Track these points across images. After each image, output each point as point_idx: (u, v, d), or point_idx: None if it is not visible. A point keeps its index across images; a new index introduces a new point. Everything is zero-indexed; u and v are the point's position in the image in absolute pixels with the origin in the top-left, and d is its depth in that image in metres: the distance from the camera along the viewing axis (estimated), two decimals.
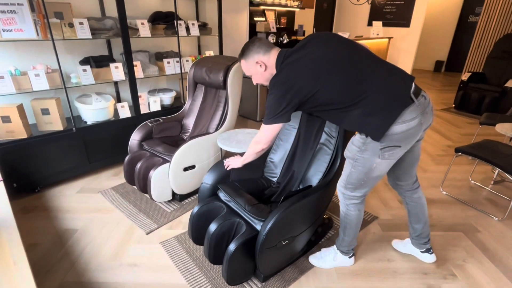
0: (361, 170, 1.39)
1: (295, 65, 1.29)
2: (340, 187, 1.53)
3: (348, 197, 1.50)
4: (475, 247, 1.87)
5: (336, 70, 1.25)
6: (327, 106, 1.32)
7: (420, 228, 1.67)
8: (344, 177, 1.48)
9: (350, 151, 1.42)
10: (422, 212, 1.64)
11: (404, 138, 1.27)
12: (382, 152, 1.31)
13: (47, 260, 1.73)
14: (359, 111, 1.27)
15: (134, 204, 2.23)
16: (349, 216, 1.55)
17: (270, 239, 1.37)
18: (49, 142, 2.28)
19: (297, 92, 1.27)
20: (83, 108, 2.48)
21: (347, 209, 1.54)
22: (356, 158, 1.38)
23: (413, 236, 1.72)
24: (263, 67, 1.41)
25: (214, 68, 2.37)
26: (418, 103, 1.25)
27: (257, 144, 1.47)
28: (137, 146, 2.37)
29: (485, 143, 2.34)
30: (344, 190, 1.50)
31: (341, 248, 1.67)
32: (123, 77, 2.57)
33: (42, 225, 2.02)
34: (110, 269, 1.68)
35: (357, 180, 1.43)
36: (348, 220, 1.56)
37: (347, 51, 1.29)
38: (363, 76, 1.25)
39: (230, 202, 1.63)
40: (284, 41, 4.08)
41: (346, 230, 1.59)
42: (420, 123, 1.26)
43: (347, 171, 1.46)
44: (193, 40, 3.46)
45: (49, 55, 2.47)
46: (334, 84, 1.26)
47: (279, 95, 1.29)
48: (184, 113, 2.63)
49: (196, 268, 1.68)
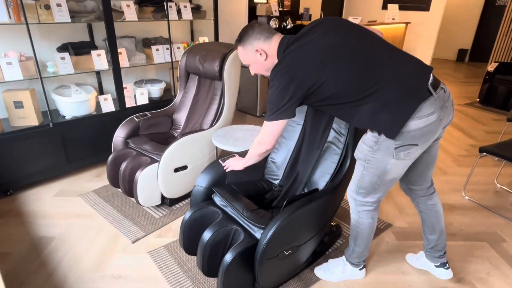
0: (374, 172, 1.39)
1: (299, 53, 1.28)
2: (351, 192, 1.53)
3: (360, 203, 1.51)
4: (500, 258, 1.89)
5: (344, 59, 1.25)
6: (335, 100, 1.32)
7: (435, 240, 1.66)
8: (355, 181, 1.48)
9: (361, 151, 1.42)
10: (438, 221, 1.64)
11: (421, 136, 1.28)
12: (397, 151, 1.31)
13: (21, 271, 1.74)
14: (370, 106, 1.27)
15: (118, 209, 2.24)
16: (361, 224, 1.55)
17: (271, 248, 1.38)
18: (22, 139, 2.28)
19: (301, 83, 1.27)
20: (61, 100, 2.48)
21: (359, 216, 1.54)
22: (368, 159, 1.39)
23: (427, 248, 1.72)
24: (263, 56, 1.41)
25: (208, 56, 2.38)
26: (436, 97, 1.25)
27: (260, 145, 1.45)
28: (122, 144, 2.37)
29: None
30: (355, 196, 1.51)
31: (350, 260, 1.68)
32: (106, 66, 2.58)
33: (15, 232, 2.02)
34: (91, 282, 1.69)
35: (370, 184, 1.43)
36: (359, 229, 1.56)
37: (357, 38, 1.29)
38: (375, 66, 1.25)
39: (227, 207, 1.64)
40: (287, 26, 4.07)
41: (357, 240, 1.60)
42: (439, 119, 1.27)
43: (358, 174, 1.46)
44: (185, 24, 3.46)
45: (23, 41, 2.46)
46: (343, 74, 1.26)
47: (281, 87, 1.29)
48: (175, 107, 2.64)
49: (188, 281, 1.69)
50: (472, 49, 7.74)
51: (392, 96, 1.25)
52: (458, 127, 3.85)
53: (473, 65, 7.49)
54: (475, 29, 7.54)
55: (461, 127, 3.85)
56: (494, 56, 5.49)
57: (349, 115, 1.35)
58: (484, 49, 7.49)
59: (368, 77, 1.25)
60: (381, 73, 1.25)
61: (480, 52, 7.63)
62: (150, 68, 3.31)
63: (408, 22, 5.64)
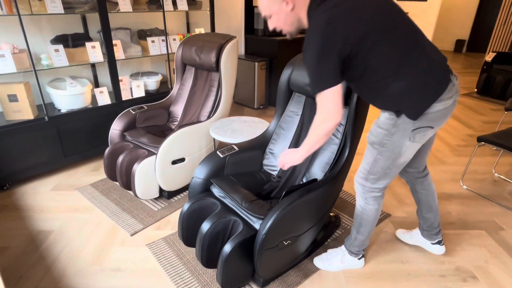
0: (388, 156, 1.38)
1: (341, 11, 1.15)
2: (359, 179, 1.52)
3: (369, 189, 1.51)
4: (498, 246, 1.90)
5: (387, 29, 1.18)
6: (369, 75, 1.24)
7: (432, 217, 1.73)
8: (366, 167, 1.47)
9: (375, 135, 1.40)
10: (433, 199, 1.70)
11: (438, 118, 1.30)
12: (414, 133, 1.31)
13: (19, 265, 1.73)
14: (401, 84, 1.24)
15: (116, 203, 2.23)
16: (367, 211, 1.55)
17: (270, 239, 1.38)
18: (18, 133, 2.26)
19: (343, 44, 1.15)
20: (56, 94, 2.45)
21: (366, 203, 1.54)
22: (383, 142, 1.37)
23: (424, 227, 1.78)
24: (289, 5, 1.24)
25: (205, 47, 2.35)
26: (453, 82, 1.28)
27: (324, 122, 1.24)
28: (118, 137, 2.35)
29: (511, 132, 2.35)
30: (364, 182, 1.50)
31: (351, 248, 1.69)
32: (101, 58, 2.54)
33: (13, 226, 2.01)
34: (90, 275, 1.68)
35: (382, 169, 1.43)
36: (365, 215, 1.57)
37: (397, 12, 1.23)
38: (411, 44, 1.22)
39: (225, 199, 1.63)
40: None
41: (361, 228, 1.60)
42: (454, 103, 1.30)
43: (369, 159, 1.44)
44: (181, 15, 3.41)
45: (16, 32, 2.42)
46: (384, 45, 1.18)
47: (323, 46, 1.14)
48: (172, 99, 2.61)
49: (187, 273, 1.68)
50: (470, 39, 7.72)
51: (424, 77, 1.24)
52: (456, 117, 3.85)
53: (471, 56, 7.47)
54: (472, 20, 7.51)
55: (459, 117, 3.85)
56: (492, 46, 5.47)
57: (375, 93, 1.31)
58: (482, 39, 7.46)
59: (404, 54, 1.21)
60: (415, 53, 1.22)
61: (478, 42, 7.61)
62: (146, 60, 3.27)
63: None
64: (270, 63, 3.92)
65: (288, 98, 1.92)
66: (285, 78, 1.86)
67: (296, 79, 1.78)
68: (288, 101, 1.92)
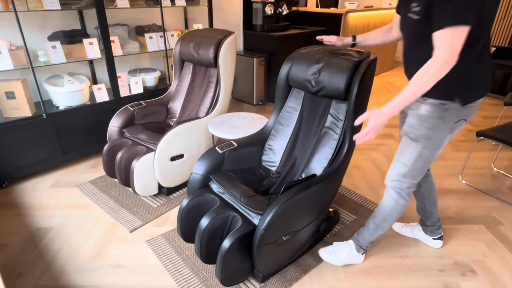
0: (433, 148, 1.36)
1: None
2: (396, 176, 1.47)
3: (407, 185, 1.47)
4: (497, 241, 1.90)
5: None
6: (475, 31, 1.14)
7: (436, 212, 1.75)
8: (407, 163, 1.42)
9: (419, 129, 1.35)
10: (435, 192, 1.73)
11: (472, 112, 1.30)
12: (455, 125, 1.31)
13: (19, 262, 1.74)
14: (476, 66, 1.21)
15: (115, 199, 2.23)
16: (399, 205, 1.51)
17: (269, 234, 1.38)
18: (16, 130, 2.25)
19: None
20: (53, 91, 2.44)
21: (400, 197, 1.50)
22: (429, 135, 1.34)
23: (429, 223, 1.79)
24: None
25: (203, 43, 2.34)
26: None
27: (444, 67, 1.10)
28: (117, 133, 2.35)
29: (510, 126, 2.34)
30: (402, 178, 1.46)
31: (362, 243, 1.67)
32: (99, 55, 2.53)
33: (12, 223, 2.01)
34: (90, 271, 1.68)
35: (425, 163, 1.40)
36: (394, 210, 1.52)
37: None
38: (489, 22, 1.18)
39: (224, 194, 1.63)
40: (283, 12, 4.02)
41: (385, 223, 1.57)
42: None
43: (412, 155, 1.39)
44: (178, 11, 3.39)
45: (12, 29, 2.41)
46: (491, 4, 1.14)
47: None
48: (170, 95, 2.60)
49: (186, 269, 1.69)
50: None
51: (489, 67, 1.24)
52: None
53: None
54: None
55: None
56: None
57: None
58: None
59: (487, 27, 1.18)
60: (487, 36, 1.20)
61: None
62: (144, 57, 3.26)
63: None
64: (269, 59, 3.91)
65: (287, 94, 1.91)
66: (284, 73, 1.85)
67: (295, 75, 1.77)
68: (287, 96, 1.92)
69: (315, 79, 1.68)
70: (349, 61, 1.59)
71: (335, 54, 1.67)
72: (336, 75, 1.60)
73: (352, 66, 1.57)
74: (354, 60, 1.59)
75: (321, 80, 1.66)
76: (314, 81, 1.68)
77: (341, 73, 1.59)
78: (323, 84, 1.66)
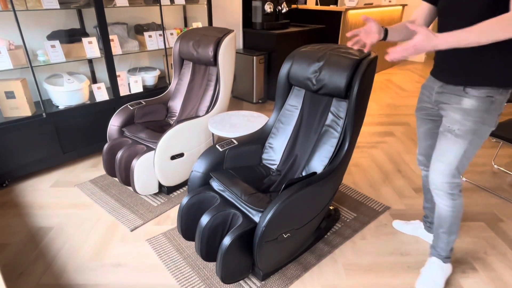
0: (478, 143, 1.31)
1: None
2: (445, 178, 1.39)
3: (457, 184, 1.40)
4: (497, 238, 1.90)
5: None
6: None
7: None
8: (454, 162, 1.35)
9: (465, 124, 1.28)
10: None
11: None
12: (497, 119, 1.27)
13: (20, 261, 1.74)
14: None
15: (116, 198, 2.24)
16: (457, 206, 1.44)
17: (270, 231, 1.38)
18: (16, 130, 2.25)
19: None
20: (53, 90, 2.44)
21: (454, 199, 1.42)
22: (475, 130, 1.28)
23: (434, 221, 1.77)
24: None
25: (202, 42, 2.33)
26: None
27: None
28: (117, 132, 2.35)
29: (510, 123, 2.34)
30: (452, 179, 1.38)
31: (444, 254, 1.58)
32: (98, 54, 2.53)
33: (13, 223, 2.02)
34: (91, 270, 1.69)
35: (468, 160, 1.35)
36: (455, 212, 1.45)
37: None
38: None
39: (225, 192, 1.64)
40: (283, 10, 4.01)
41: (454, 227, 1.49)
42: None
43: (459, 152, 1.33)
44: (178, 9, 3.39)
45: (11, 28, 2.41)
46: None
47: None
48: (170, 94, 2.60)
49: (187, 267, 1.69)
50: None
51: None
52: None
53: None
54: None
55: None
56: None
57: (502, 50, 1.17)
58: None
59: None
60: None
61: None
62: (144, 56, 3.26)
63: (405, 4, 5.56)
64: (269, 57, 3.91)
65: (287, 92, 1.91)
66: (285, 71, 1.85)
67: (295, 73, 1.77)
68: (287, 95, 1.92)
69: (316, 77, 1.68)
70: (350, 59, 1.59)
71: (336, 52, 1.67)
72: (337, 73, 1.60)
73: (353, 64, 1.57)
74: (355, 58, 1.59)
75: (322, 79, 1.66)
76: (315, 80, 1.68)
77: (342, 71, 1.59)
78: (324, 83, 1.66)
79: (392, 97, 4.28)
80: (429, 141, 1.60)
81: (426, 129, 1.58)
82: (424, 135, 1.61)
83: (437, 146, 1.40)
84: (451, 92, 1.33)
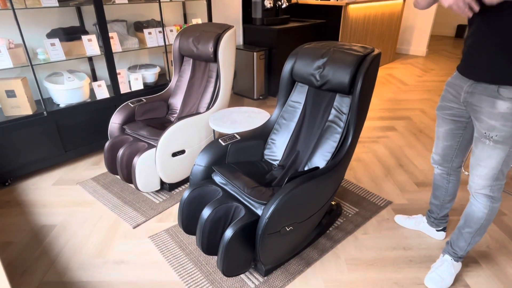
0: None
1: None
2: (486, 182, 1.35)
3: (500, 186, 1.37)
4: (500, 231, 1.90)
5: None
6: None
7: (450, 206, 1.76)
8: (497, 167, 1.30)
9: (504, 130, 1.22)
10: (458, 188, 1.72)
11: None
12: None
13: (23, 259, 1.75)
14: None
15: (118, 196, 2.24)
16: (494, 209, 1.41)
17: (273, 223, 1.38)
18: (17, 129, 2.26)
19: None
20: (54, 88, 2.44)
21: (493, 201, 1.39)
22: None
23: (439, 216, 1.79)
24: None
25: (202, 38, 2.33)
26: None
27: None
28: (118, 130, 2.35)
29: None
30: (493, 183, 1.35)
31: (460, 254, 1.57)
32: (98, 52, 2.52)
33: (16, 221, 2.03)
34: (94, 267, 1.70)
35: (511, 163, 1.30)
36: (490, 216, 1.42)
37: None
38: None
39: (227, 185, 1.64)
40: (283, 5, 3.99)
41: (481, 230, 1.47)
42: None
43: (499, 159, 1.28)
44: (177, 6, 3.38)
45: (11, 27, 2.40)
46: None
47: None
48: (170, 91, 2.60)
49: (190, 263, 1.70)
50: None
51: None
52: None
53: None
54: None
55: None
56: None
57: None
58: None
59: None
60: None
61: None
62: (144, 53, 3.25)
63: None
64: (269, 53, 3.89)
65: (290, 88, 1.91)
66: (288, 68, 1.84)
67: (299, 69, 1.77)
68: (290, 91, 1.91)
69: (319, 73, 1.68)
70: (354, 55, 1.59)
71: (339, 49, 1.67)
72: (340, 69, 1.60)
73: (356, 60, 1.57)
74: (358, 54, 1.58)
75: (326, 75, 1.65)
76: (319, 75, 1.68)
77: (345, 67, 1.58)
78: (327, 78, 1.65)
79: (394, 92, 4.27)
80: (449, 142, 1.54)
81: (447, 129, 1.52)
82: (444, 135, 1.54)
83: (476, 152, 1.35)
84: (483, 93, 1.25)
